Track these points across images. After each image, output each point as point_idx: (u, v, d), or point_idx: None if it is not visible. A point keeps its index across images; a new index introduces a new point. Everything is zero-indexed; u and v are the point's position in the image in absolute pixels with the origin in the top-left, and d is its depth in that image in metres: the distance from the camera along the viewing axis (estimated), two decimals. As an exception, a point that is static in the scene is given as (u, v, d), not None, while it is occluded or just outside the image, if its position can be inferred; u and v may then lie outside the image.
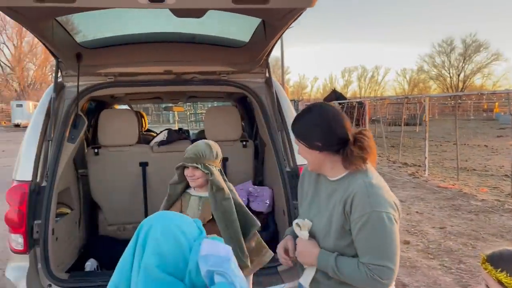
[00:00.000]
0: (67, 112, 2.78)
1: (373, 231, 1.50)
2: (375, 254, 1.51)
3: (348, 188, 1.57)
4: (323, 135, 1.59)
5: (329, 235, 1.60)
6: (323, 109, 1.65)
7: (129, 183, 3.18)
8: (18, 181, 2.55)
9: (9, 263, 2.54)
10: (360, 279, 1.53)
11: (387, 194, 1.55)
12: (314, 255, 1.61)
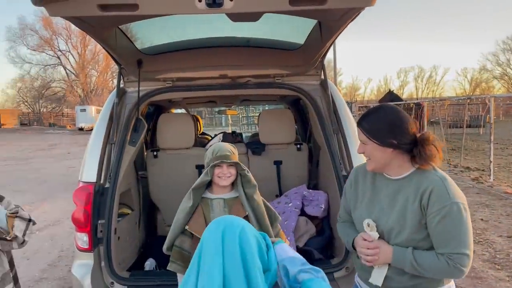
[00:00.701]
0: (129, 117, 2.89)
1: (453, 221, 1.56)
2: (456, 243, 1.56)
3: (421, 184, 1.63)
4: (399, 133, 1.64)
5: (403, 231, 1.64)
6: (394, 109, 1.71)
7: (185, 185, 3.23)
8: (84, 182, 2.69)
9: (75, 260, 2.67)
10: (441, 269, 1.58)
11: (457, 187, 1.64)
12: (389, 252, 1.65)
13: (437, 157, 1.64)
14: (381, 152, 1.67)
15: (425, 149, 1.61)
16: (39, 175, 12.22)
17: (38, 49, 50.89)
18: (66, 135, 32.84)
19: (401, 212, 1.65)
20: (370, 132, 1.67)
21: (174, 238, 2.23)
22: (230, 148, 2.21)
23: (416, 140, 1.64)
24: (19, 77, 53.65)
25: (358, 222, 1.79)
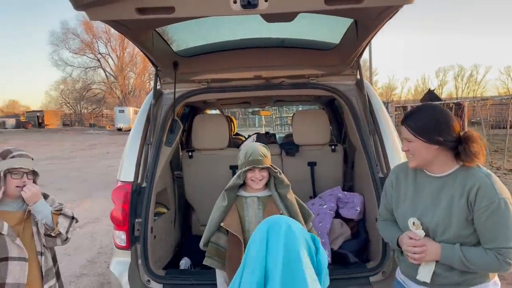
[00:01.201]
0: (165, 118, 2.95)
1: (501, 217, 1.60)
2: (504, 238, 1.61)
3: (467, 181, 1.66)
4: (445, 130, 1.68)
5: (450, 228, 1.67)
6: (438, 107, 1.75)
7: (220, 185, 3.26)
8: (122, 182, 2.76)
9: (114, 257, 2.75)
10: (490, 264, 1.62)
11: (502, 183, 1.69)
12: (437, 249, 1.68)
13: (481, 155, 1.67)
14: (426, 150, 1.71)
15: (470, 146, 1.65)
16: (80, 174, 12.69)
17: (80, 52, 52.95)
18: (105, 135, 33.96)
19: (446, 209, 1.68)
20: (417, 130, 1.71)
21: (210, 235, 2.29)
22: (263, 152, 2.23)
23: (460, 137, 1.69)
24: (61, 79, 56.11)
25: (402, 221, 1.82)
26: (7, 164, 2.06)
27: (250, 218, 2.23)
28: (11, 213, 2.09)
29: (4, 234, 2.03)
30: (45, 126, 43.89)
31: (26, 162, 2.10)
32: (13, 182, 2.07)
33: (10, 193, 2.08)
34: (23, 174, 2.08)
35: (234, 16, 2.45)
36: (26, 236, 2.10)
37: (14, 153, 2.10)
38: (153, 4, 1.83)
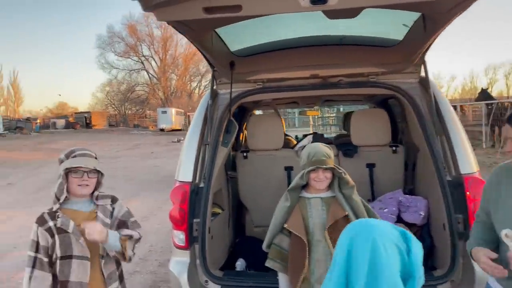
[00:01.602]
0: (221, 118, 2.94)
1: None
2: None
3: None
4: None
5: None
6: None
7: (274, 186, 3.24)
8: (180, 182, 2.77)
9: (172, 256, 2.77)
10: None
11: None
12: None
13: None
14: None
15: None
16: (127, 173, 13.08)
17: (124, 55, 54.88)
18: (149, 135, 34.89)
19: None
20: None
21: (273, 236, 2.26)
22: (326, 152, 2.17)
23: None
24: (107, 81, 58.32)
25: (499, 227, 1.68)
26: (68, 164, 2.10)
27: (313, 219, 2.18)
28: (78, 212, 2.14)
29: (70, 232, 2.07)
30: (92, 126, 45.74)
31: (88, 161, 2.13)
32: (74, 181, 2.10)
33: (73, 192, 2.13)
34: (83, 173, 2.10)
35: (292, 14, 2.40)
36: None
37: (76, 153, 2.14)
38: (220, 3, 1.81)
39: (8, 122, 38.63)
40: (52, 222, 2.09)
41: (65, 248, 2.07)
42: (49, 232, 2.08)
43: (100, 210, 2.17)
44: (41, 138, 29.96)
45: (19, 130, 35.87)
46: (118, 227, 2.20)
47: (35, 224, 2.12)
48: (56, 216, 2.09)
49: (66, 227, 2.07)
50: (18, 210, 8.17)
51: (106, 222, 2.16)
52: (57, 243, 2.08)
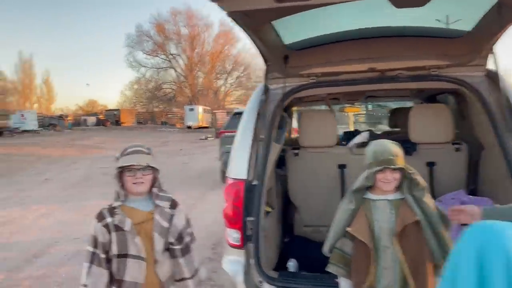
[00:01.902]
0: (273, 114, 2.85)
1: None
2: None
3: None
4: None
5: None
6: None
7: (326, 185, 3.13)
8: (233, 179, 2.70)
9: (226, 255, 2.70)
10: None
11: None
12: None
13: None
14: None
15: None
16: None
17: (152, 53, 55.57)
18: (176, 133, 35.29)
19: None
20: None
21: (335, 240, 2.13)
22: (394, 150, 2.01)
23: None
24: (135, 79, 59.28)
25: None
26: (121, 162, 2.05)
27: (380, 223, 2.02)
28: (135, 211, 2.09)
29: (126, 231, 2.02)
30: (121, 123, 46.59)
31: (140, 158, 2.06)
32: (128, 180, 2.05)
33: (129, 190, 2.08)
34: (136, 171, 2.04)
35: (349, 4, 2.28)
36: (146, 238, 2.07)
37: (128, 150, 2.09)
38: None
39: (41, 119, 39.84)
40: (110, 218, 2.05)
41: (121, 246, 2.03)
42: (107, 228, 2.05)
43: (158, 211, 2.11)
44: (74, 135, 30.73)
45: (53, 127, 36.95)
46: (177, 239, 2.14)
47: (95, 219, 2.09)
48: (114, 213, 2.05)
49: (123, 225, 2.03)
50: (56, 205, 8.35)
51: (163, 226, 2.10)
52: (114, 240, 2.04)
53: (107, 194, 9.63)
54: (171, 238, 2.12)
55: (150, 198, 2.13)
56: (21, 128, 32.41)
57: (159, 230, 2.08)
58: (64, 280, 4.49)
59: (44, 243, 5.85)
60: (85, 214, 7.45)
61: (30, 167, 14.97)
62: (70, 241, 5.89)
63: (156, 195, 2.12)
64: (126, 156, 2.07)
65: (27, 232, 6.48)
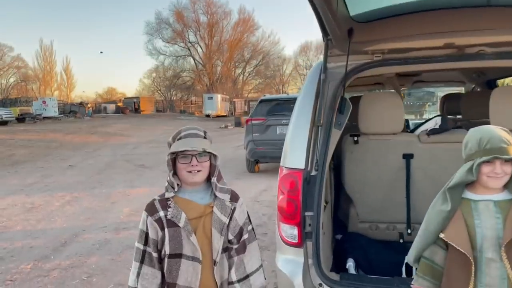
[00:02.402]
0: (334, 96, 2.52)
1: None
2: None
3: None
4: None
5: None
6: None
7: (388, 177, 2.80)
8: (289, 169, 2.39)
9: (280, 254, 2.41)
10: None
11: None
12: None
13: None
14: None
15: None
16: (181, 158, 13.00)
17: (171, 41, 55.46)
18: (196, 121, 35.14)
19: None
20: None
21: (423, 247, 1.74)
22: (506, 137, 1.60)
23: None
24: (154, 67, 59.37)
25: None
26: (174, 147, 1.76)
27: (483, 230, 1.62)
28: (191, 203, 1.78)
29: (181, 227, 1.73)
30: (141, 111, 46.76)
31: (196, 142, 1.76)
32: (182, 167, 1.75)
33: (184, 179, 1.78)
34: (191, 157, 1.74)
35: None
36: (203, 235, 1.77)
37: (181, 134, 1.79)
38: None
39: (62, 107, 40.23)
40: (162, 212, 1.75)
41: (175, 244, 1.73)
42: (159, 223, 1.75)
43: (218, 205, 1.80)
44: (94, 122, 30.89)
45: (73, 114, 37.25)
46: (235, 237, 1.85)
47: (144, 212, 1.79)
48: (168, 206, 1.76)
49: (177, 220, 1.73)
50: (81, 192, 8.22)
51: (222, 221, 1.79)
52: (167, 237, 1.74)
53: (132, 181, 9.53)
54: (230, 236, 1.82)
55: (206, 189, 1.83)
56: (43, 114, 32.73)
57: (218, 226, 1.78)
58: (94, 271, 4.29)
59: (71, 231, 5.68)
60: (112, 202, 7.30)
61: (53, 153, 14.98)
62: (98, 230, 5.71)
63: (216, 185, 1.81)
64: (180, 140, 1.77)
65: (53, 219, 6.34)
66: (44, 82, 58.72)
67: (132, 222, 6.03)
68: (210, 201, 1.80)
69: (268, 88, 58.08)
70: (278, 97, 10.84)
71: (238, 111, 45.61)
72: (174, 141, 1.80)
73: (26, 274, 4.27)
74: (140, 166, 11.54)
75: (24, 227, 5.98)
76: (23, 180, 9.80)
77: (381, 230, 2.93)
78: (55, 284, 3.99)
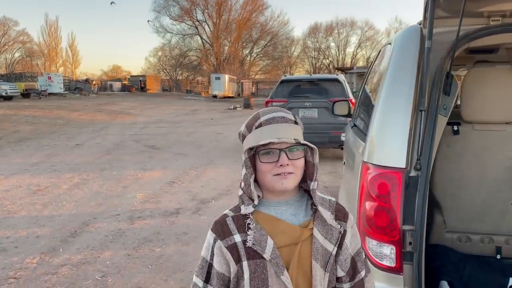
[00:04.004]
0: (439, 71, 1.90)
1: None
2: None
3: None
4: None
5: None
6: None
7: (493, 177, 2.21)
8: (380, 167, 1.80)
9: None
10: None
11: None
12: None
13: None
14: None
15: None
16: (193, 140, 12.45)
17: (179, 19, 54.30)
18: (203, 101, 34.51)
19: None
20: None
21: None
22: None
23: None
24: (160, 46, 58.36)
25: None
26: (251, 140, 1.15)
27: None
28: (282, 224, 1.17)
29: (266, 260, 1.13)
30: (147, 90, 46.06)
31: (283, 130, 1.14)
32: (265, 169, 1.13)
33: (268, 186, 1.16)
34: (278, 152, 1.13)
35: None
36: (299, 272, 1.16)
37: (261, 119, 1.16)
38: None
39: (67, 83, 39.56)
40: (239, 235, 1.15)
41: (258, 286, 1.12)
42: (234, 252, 1.14)
43: (319, 225, 1.18)
44: (100, 99, 30.29)
45: (79, 91, 36.62)
46: (348, 273, 1.22)
47: (211, 233, 1.18)
48: (247, 227, 1.16)
49: (261, 248, 1.12)
50: (90, 173, 7.68)
51: (327, 250, 1.17)
52: (246, 275, 1.13)
53: (143, 163, 8.93)
54: (340, 272, 1.21)
55: (299, 200, 1.22)
56: (48, 90, 32.12)
57: (322, 258, 1.17)
58: (108, 268, 3.75)
59: (81, 218, 5.15)
60: (123, 186, 6.76)
61: (59, 130, 14.44)
62: (110, 218, 5.17)
63: (316, 194, 1.19)
64: (260, 129, 1.15)
65: (60, 204, 5.81)
66: (49, 58, 57.96)
67: (147, 210, 5.49)
68: (307, 219, 1.20)
69: (276, 70, 57.06)
70: (300, 77, 10.16)
71: (246, 92, 44.81)
72: (250, 130, 1.17)
73: (31, 270, 3.74)
74: (151, 147, 10.98)
75: (29, 212, 5.45)
76: (27, 158, 9.28)
77: (474, 242, 2.34)
78: (64, 285, 3.47)
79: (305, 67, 59.39)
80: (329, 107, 7.42)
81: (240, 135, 1.22)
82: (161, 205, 5.72)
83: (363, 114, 2.68)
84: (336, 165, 8.00)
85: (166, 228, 4.81)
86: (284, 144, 1.13)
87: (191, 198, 6.06)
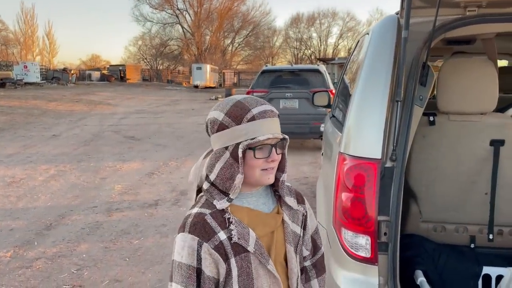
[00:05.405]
0: (415, 61, 1.90)
1: None
2: None
3: None
4: None
5: None
6: None
7: (469, 168, 2.23)
8: (356, 158, 1.79)
9: (341, 270, 1.84)
10: None
11: None
12: None
13: None
14: None
15: None
16: (173, 130, 12.32)
17: (159, 7, 53.35)
18: (184, 92, 34.14)
19: None
20: None
21: None
22: None
23: None
24: (140, 35, 57.34)
25: None
26: (245, 133, 1.07)
27: None
28: (259, 215, 1.15)
29: (251, 252, 1.10)
30: (127, 80, 45.28)
31: (275, 125, 1.11)
32: (256, 164, 1.09)
33: (251, 180, 1.12)
34: (270, 148, 1.10)
35: None
36: (278, 258, 1.17)
37: (253, 111, 1.09)
38: None
39: (45, 72, 38.55)
40: (223, 232, 1.08)
41: (245, 281, 1.09)
42: (221, 251, 1.07)
43: (286, 209, 1.20)
44: (78, 89, 29.64)
45: (56, 81, 35.73)
46: (312, 252, 1.30)
47: (192, 237, 1.06)
48: (227, 222, 1.10)
49: (245, 242, 1.09)
50: (67, 165, 7.52)
51: (296, 233, 1.21)
52: (234, 272, 1.08)
53: (122, 155, 8.81)
54: (305, 252, 1.27)
55: (265, 190, 1.20)
56: (24, 80, 31.24)
57: (293, 241, 1.19)
58: (84, 261, 3.69)
59: (56, 211, 5.05)
60: (101, 178, 6.64)
61: (36, 121, 14.07)
62: (87, 210, 5.08)
63: (284, 185, 1.20)
64: (253, 122, 1.07)
65: (36, 196, 5.67)
66: (26, 47, 56.20)
67: (125, 202, 5.41)
68: (275, 207, 1.19)
69: (257, 60, 56.85)
70: (281, 68, 10.12)
71: (228, 83, 44.52)
72: (238, 122, 1.09)
73: (5, 264, 3.65)
74: (130, 138, 10.81)
75: (4, 204, 5.31)
76: (2, 150, 9.03)
77: (449, 232, 2.37)
78: (39, 279, 3.39)
79: (287, 58, 59.36)
80: (309, 98, 7.41)
81: (217, 124, 1.11)
82: (140, 197, 5.64)
83: (341, 104, 2.67)
84: (316, 156, 8.04)
85: (144, 220, 4.75)
86: (275, 139, 1.11)
87: (170, 190, 6.00)
